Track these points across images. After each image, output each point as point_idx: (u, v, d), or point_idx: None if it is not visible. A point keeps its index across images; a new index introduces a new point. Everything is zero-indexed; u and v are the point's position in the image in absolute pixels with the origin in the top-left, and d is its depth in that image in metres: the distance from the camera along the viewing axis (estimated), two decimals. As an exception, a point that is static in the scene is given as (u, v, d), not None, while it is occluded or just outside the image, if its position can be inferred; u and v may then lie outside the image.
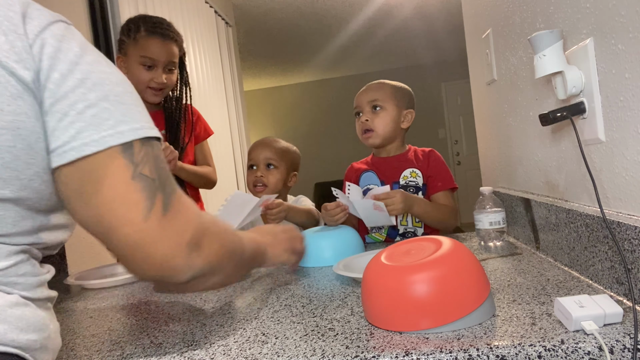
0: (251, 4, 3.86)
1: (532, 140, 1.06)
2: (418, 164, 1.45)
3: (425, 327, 0.62)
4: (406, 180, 1.43)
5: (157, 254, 0.54)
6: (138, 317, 0.87)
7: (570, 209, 0.84)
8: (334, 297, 0.84)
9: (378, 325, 0.67)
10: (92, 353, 0.71)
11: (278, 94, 7.26)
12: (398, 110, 1.44)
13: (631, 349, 0.54)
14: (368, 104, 1.44)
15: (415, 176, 1.43)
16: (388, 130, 1.43)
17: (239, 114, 3.52)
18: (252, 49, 5.12)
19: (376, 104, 1.43)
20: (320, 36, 4.95)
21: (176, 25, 1.70)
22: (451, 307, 0.62)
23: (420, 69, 6.82)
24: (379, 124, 1.42)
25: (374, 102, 1.43)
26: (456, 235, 1.34)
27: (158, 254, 0.54)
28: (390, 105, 1.43)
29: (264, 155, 1.52)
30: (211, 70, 3.00)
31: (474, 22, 1.50)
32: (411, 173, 1.44)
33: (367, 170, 1.49)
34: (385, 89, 1.45)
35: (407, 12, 4.39)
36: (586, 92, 0.77)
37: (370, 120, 1.43)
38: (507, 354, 0.55)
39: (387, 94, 1.44)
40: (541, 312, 0.65)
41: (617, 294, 0.70)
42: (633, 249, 0.64)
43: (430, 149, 1.49)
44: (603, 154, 0.75)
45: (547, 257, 0.97)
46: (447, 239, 0.71)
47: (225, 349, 0.66)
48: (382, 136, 1.43)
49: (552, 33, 0.78)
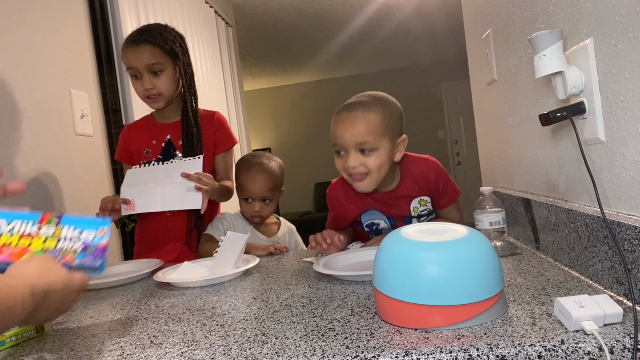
0: (251, 4, 3.86)
1: (532, 140, 1.06)
2: (419, 188, 1.25)
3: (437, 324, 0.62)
4: (417, 211, 1.27)
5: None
6: (138, 317, 0.87)
7: (570, 209, 0.84)
8: (334, 297, 0.84)
9: (385, 318, 0.67)
10: (92, 353, 0.71)
11: (278, 94, 7.26)
12: (392, 143, 1.16)
13: (631, 349, 0.54)
14: (355, 144, 1.13)
15: (425, 203, 1.27)
16: (384, 172, 1.17)
17: (239, 114, 3.51)
18: (252, 49, 5.12)
19: (367, 146, 1.13)
20: (320, 36, 4.95)
21: (176, 25, 1.70)
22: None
23: (420, 69, 6.82)
24: (375, 166, 1.14)
25: (364, 144, 1.13)
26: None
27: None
28: (384, 140, 1.14)
29: (260, 193, 1.49)
30: (211, 70, 3.00)
31: (474, 22, 1.50)
32: (420, 202, 1.26)
33: (368, 209, 1.28)
34: (375, 121, 1.13)
35: (407, 12, 4.39)
36: (586, 92, 0.77)
37: (361, 166, 1.14)
38: (507, 354, 0.55)
39: (380, 128, 1.13)
40: (541, 312, 0.65)
41: (617, 294, 0.70)
42: (633, 249, 0.64)
43: (425, 158, 1.27)
44: (603, 154, 0.75)
45: (547, 257, 0.97)
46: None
47: (225, 349, 0.66)
48: (378, 178, 1.17)
49: (552, 33, 0.78)
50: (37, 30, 1.52)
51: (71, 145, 1.62)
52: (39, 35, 1.52)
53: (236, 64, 3.61)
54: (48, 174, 1.48)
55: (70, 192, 1.58)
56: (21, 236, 0.79)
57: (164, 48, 1.43)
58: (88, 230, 0.81)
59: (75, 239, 0.80)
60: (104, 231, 0.82)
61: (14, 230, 0.79)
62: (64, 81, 1.61)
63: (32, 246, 0.78)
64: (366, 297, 0.82)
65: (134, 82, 1.45)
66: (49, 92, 1.54)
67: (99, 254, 0.80)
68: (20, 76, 1.42)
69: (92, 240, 0.80)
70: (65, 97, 1.61)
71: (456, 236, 0.67)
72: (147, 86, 1.42)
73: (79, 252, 0.80)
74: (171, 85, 1.46)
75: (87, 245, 0.80)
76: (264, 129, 7.29)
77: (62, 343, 0.77)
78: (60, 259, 0.77)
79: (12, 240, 0.78)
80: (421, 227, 0.73)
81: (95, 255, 0.80)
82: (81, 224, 0.82)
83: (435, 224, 0.74)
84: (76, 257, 0.79)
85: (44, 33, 1.55)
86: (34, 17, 1.51)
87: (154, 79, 1.42)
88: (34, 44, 1.50)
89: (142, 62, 1.40)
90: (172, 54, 1.45)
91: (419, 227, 0.73)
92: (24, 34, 1.46)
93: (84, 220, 0.82)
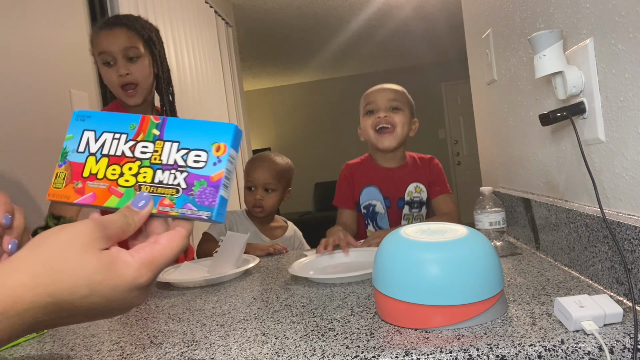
0: (251, 4, 3.86)
1: (532, 140, 1.06)
2: (419, 172, 1.43)
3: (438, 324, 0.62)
4: (411, 196, 1.41)
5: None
6: (138, 317, 0.87)
7: (570, 209, 0.84)
8: (334, 297, 0.84)
9: (385, 318, 0.67)
10: (92, 353, 0.71)
11: (278, 94, 7.26)
12: (411, 116, 1.43)
13: (631, 349, 0.54)
14: (387, 102, 1.39)
15: (420, 191, 1.41)
16: (404, 133, 1.40)
17: (239, 114, 3.51)
18: (252, 49, 5.12)
19: (396, 105, 1.39)
20: (321, 36, 4.95)
21: (176, 25, 1.69)
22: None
23: (420, 69, 6.82)
24: (400, 122, 1.38)
25: (393, 103, 1.39)
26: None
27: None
28: (406, 109, 1.41)
29: (263, 180, 1.54)
30: (211, 70, 3.00)
31: (474, 22, 1.50)
32: (415, 188, 1.41)
33: (370, 185, 1.44)
34: (401, 93, 1.43)
35: (407, 12, 4.39)
36: (586, 92, 0.77)
37: (390, 118, 1.38)
38: (507, 354, 0.55)
39: (404, 98, 1.42)
40: (541, 312, 0.65)
41: (617, 294, 0.70)
42: (633, 249, 0.64)
43: (431, 156, 1.48)
44: (603, 154, 0.75)
45: (547, 257, 0.97)
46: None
47: (225, 349, 0.66)
48: (401, 137, 1.39)
49: (552, 33, 0.78)
50: (37, 30, 1.52)
51: (71, 145, 1.61)
52: (39, 35, 1.52)
53: (236, 64, 3.61)
54: (48, 174, 1.48)
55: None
56: (110, 160, 0.52)
57: (140, 34, 1.32)
58: (198, 151, 0.50)
59: (178, 167, 0.49)
60: (222, 149, 0.49)
61: (103, 149, 0.52)
62: (64, 81, 1.61)
63: (123, 180, 0.50)
64: (366, 297, 0.82)
65: (106, 70, 1.31)
66: (49, 92, 1.54)
67: (210, 196, 0.48)
68: (20, 76, 1.42)
69: (201, 169, 0.49)
70: (65, 97, 1.61)
71: (456, 236, 0.67)
72: (123, 72, 1.28)
73: (181, 193, 0.48)
74: (147, 74, 1.33)
75: (194, 178, 0.49)
76: (264, 129, 7.29)
77: (62, 343, 0.77)
78: (156, 206, 0.48)
79: (100, 169, 0.51)
80: (421, 227, 0.73)
81: (204, 199, 0.48)
82: (190, 135, 0.50)
83: (435, 224, 0.74)
84: (175, 204, 0.48)
85: (44, 33, 1.55)
86: (34, 17, 1.51)
87: (130, 64, 1.30)
88: (34, 44, 1.50)
89: (117, 46, 1.28)
90: (148, 42, 1.35)
91: (419, 227, 0.73)
92: (24, 34, 1.46)
93: (195, 128, 0.51)
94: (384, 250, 0.71)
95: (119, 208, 0.48)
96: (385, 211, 1.43)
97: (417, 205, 1.40)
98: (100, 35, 1.30)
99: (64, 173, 0.53)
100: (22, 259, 0.39)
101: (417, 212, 1.42)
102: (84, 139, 0.54)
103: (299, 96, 7.20)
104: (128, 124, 0.53)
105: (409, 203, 1.40)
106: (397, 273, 0.66)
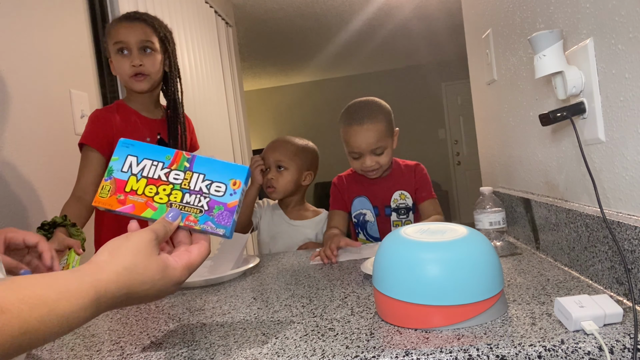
0: (251, 4, 3.86)
1: (532, 140, 1.06)
2: (405, 179, 1.47)
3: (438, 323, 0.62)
4: (397, 203, 1.46)
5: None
6: (138, 317, 0.87)
7: (570, 209, 0.84)
8: (334, 297, 0.84)
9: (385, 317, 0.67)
10: (92, 353, 0.71)
11: (278, 94, 7.25)
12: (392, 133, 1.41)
13: (631, 349, 0.54)
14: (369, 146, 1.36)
15: (405, 198, 1.46)
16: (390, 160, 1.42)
17: (239, 114, 3.51)
18: (252, 49, 5.12)
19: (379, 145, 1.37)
20: (320, 36, 4.95)
21: (176, 25, 1.70)
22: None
23: (420, 69, 6.81)
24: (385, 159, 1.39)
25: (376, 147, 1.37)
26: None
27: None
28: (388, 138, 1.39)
29: (274, 157, 1.56)
30: (211, 70, 3.00)
31: (474, 22, 1.50)
32: (400, 195, 1.46)
33: (360, 195, 1.49)
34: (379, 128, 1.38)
35: (407, 12, 4.38)
36: (586, 92, 0.77)
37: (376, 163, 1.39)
38: (507, 354, 0.55)
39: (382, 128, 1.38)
40: (541, 312, 0.65)
41: (617, 294, 0.70)
42: (633, 249, 0.64)
43: (416, 163, 1.52)
44: (603, 154, 0.75)
45: (547, 257, 0.97)
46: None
47: (225, 349, 0.66)
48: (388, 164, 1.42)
49: (552, 33, 0.78)
50: (37, 30, 1.52)
51: (71, 145, 1.61)
52: (39, 35, 1.52)
53: (236, 64, 3.61)
54: (48, 174, 1.48)
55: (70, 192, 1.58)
56: (148, 181, 0.67)
57: (157, 31, 1.41)
58: (219, 183, 0.66)
59: (203, 193, 0.66)
60: (237, 184, 0.66)
61: (143, 172, 0.67)
62: (64, 81, 1.61)
63: (158, 197, 0.66)
64: (366, 297, 0.82)
65: (119, 58, 1.38)
66: (49, 92, 1.53)
67: (226, 218, 0.65)
68: (20, 76, 1.42)
69: (220, 197, 0.65)
70: (65, 97, 1.61)
71: (456, 236, 0.67)
72: (137, 62, 1.36)
73: (203, 213, 0.65)
74: (158, 69, 1.42)
75: (215, 204, 0.65)
76: (264, 129, 7.29)
77: (62, 343, 0.77)
78: (183, 220, 0.64)
79: (139, 186, 0.66)
80: (421, 227, 0.73)
81: (221, 220, 0.65)
82: (213, 171, 0.67)
83: (436, 224, 0.74)
84: (198, 221, 0.65)
85: (44, 33, 1.55)
86: (34, 17, 1.51)
87: (144, 57, 1.38)
88: (34, 44, 1.50)
89: (135, 37, 1.36)
90: (163, 40, 1.43)
91: (419, 227, 0.73)
92: (24, 34, 1.46)
93: (217, 166, 0.67)
94: (384, 250, 0.71)
95: (153, 219, 0.64)
96: (375, 219, 1.48)
97: (403, 211, 1.45)
98: (119, 27, 1.39)
99: (109, 186, 0.67)
100: (107, 262, 0.54)
101: (405, 218, 1.47)
102: (127, 162, 0.68)
103: (299, 96, 7.19)
104: (164, 155, 0.68)
105: (396, 210, 1.46)
106: (397, 273, 0.66)
